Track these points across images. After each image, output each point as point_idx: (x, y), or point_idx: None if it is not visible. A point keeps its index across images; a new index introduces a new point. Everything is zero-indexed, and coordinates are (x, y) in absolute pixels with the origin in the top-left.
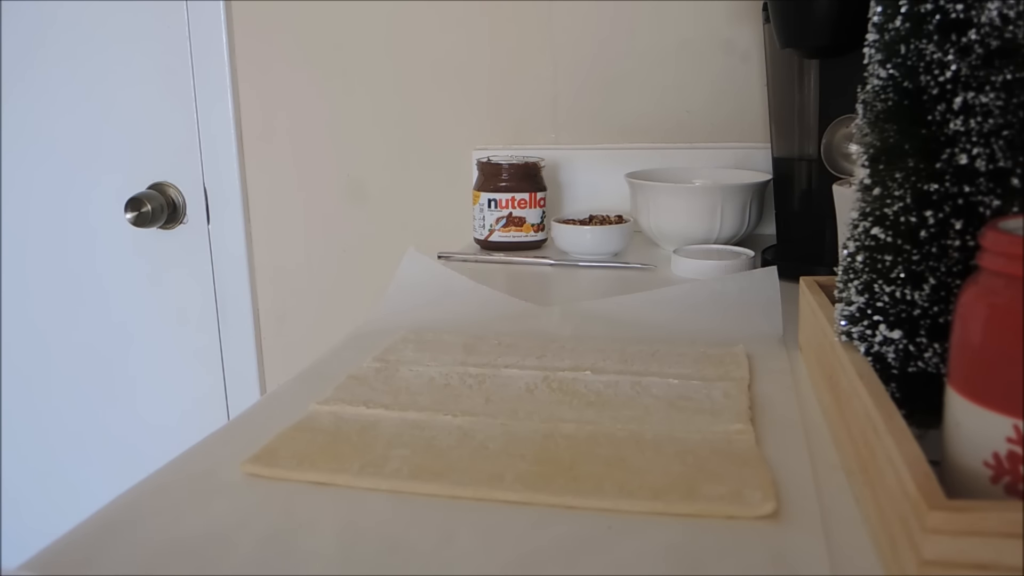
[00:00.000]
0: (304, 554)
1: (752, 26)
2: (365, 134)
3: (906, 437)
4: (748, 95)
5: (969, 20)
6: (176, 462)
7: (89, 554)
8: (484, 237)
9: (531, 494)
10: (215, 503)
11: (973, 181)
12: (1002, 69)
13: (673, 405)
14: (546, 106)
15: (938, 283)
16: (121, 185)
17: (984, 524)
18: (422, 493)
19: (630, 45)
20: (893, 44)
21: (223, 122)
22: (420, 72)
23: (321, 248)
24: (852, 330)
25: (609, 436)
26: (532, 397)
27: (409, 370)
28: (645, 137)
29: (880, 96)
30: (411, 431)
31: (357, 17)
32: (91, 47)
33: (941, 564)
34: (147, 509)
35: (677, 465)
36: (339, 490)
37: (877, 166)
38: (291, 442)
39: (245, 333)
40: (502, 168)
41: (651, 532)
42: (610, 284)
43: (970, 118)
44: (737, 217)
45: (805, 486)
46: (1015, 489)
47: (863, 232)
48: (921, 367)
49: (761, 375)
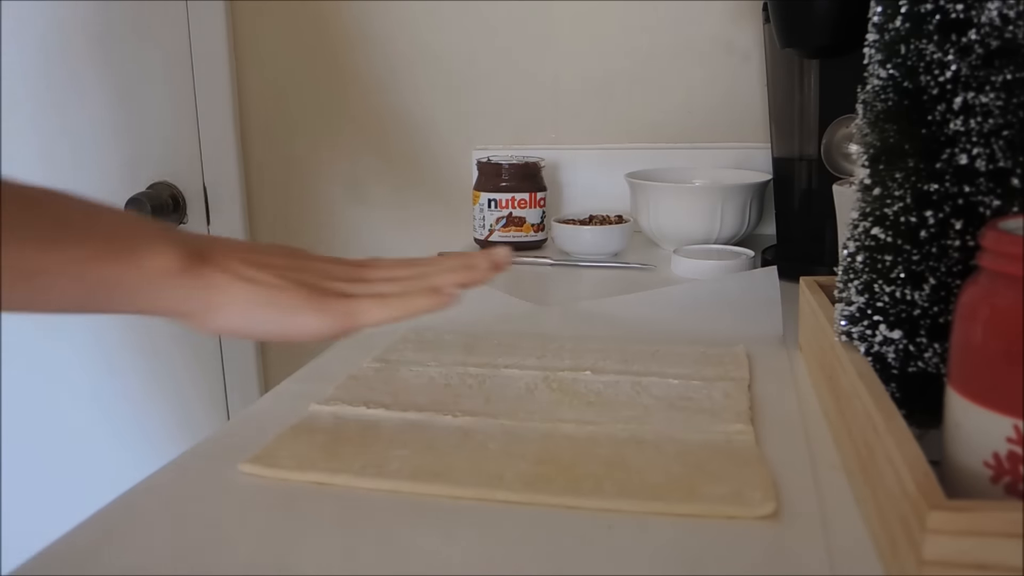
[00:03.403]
0: (304, 554)
1: (752, 26)
2: (365, 134)
3: (906, 437)
4: (748, 95)
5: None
6: (176, 462)
7: (89, 555)
8: (484, 237)
9: (531, 494)
10: (215, 504)
11: (973, 181)
12: (1002, 69)
13: (673, 405)
14: (546, 106)
15: (938, 283)
16: (121, 185)
17: (984, 524)
18: (422, 493)
19: (630, 45)
20: (893, 44)
21: (223, 122)
22: (420, 72)
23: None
24: (852, 330)
25: (609, 436)
26: (532, 397)
27: (409, 370)
28: (645, 137)
29: (880, 96)
30: (411, 431)
31: (357, 17)
32: (91, 47)
33: (941, 564)
34: (147, 510)
35: (677, 465)
36: (339, 490)
37: (877, 166)
38: (291, 442)
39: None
40: (502, 168)
41: (651, 532)
42: (610, 284)
43: (970, 118)
44: (737, 217)
45: (805, 486)
46: (1015, 489)
47: (863, 232)
48: (921, 367)
49: (761, 375)
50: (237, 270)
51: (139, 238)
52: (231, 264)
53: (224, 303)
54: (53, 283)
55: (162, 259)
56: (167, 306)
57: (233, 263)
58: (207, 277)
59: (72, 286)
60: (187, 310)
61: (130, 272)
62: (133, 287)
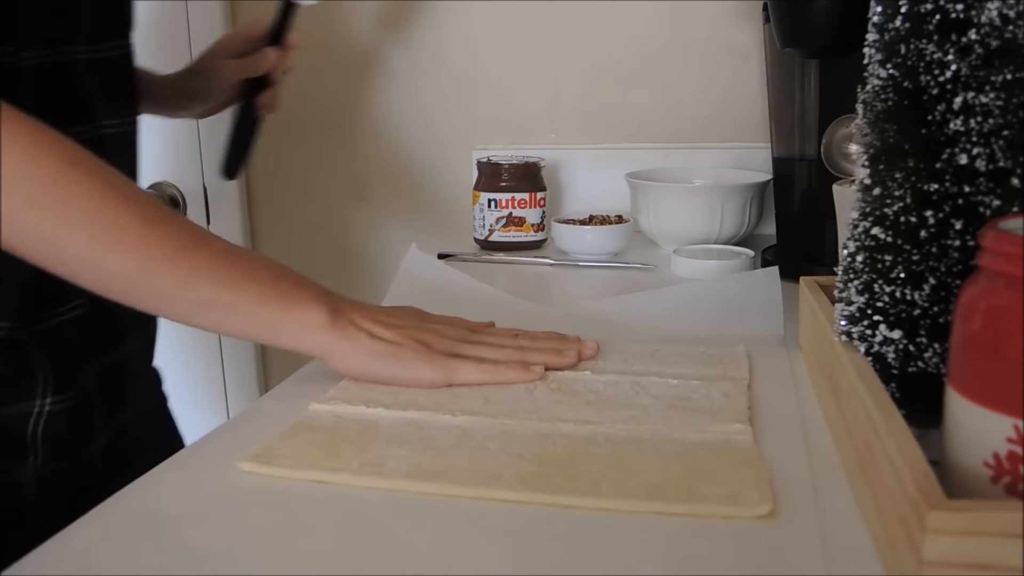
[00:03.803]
0: (303, 553)
1: (752, 26)
2: (365, 134)
3: (906, 437)
4: (748, 95)
5: (969, 20)
6: (175, 460)
7: (87, 553)
8: (484, 237)
9: (529, 493)
10: (214, 502)
11: (973, 181)
12: (1002, 69)
13: (672, 405)
14: (546, 106)
15: (938, 283)
16: None
17: (984, 524)
18: (420, 492)
19: (630, 45)
20: (893, 44)
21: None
22: (420, 72)
23: (321, 248)
24: (852, 330)
25: (608, 436)
26: (531, 397)
27: None
28: (645, 137)
29: (880, 96)
30: (410, 430)
31: (357, 17)
32: None
33: (941, 564)
34: (146, 508)
35: (675, 465)
36: (338, 489)
37: (877, 166)
38: (290, 441)
39: None
40: (502, 168)
41: (648, 532)
42: (610, 284)
43: (970, 118)
44: (737, 217)
45: (804, 486)
46: (1015, 489)
47: (863, 232)
48: (921, 367)
49: (761, 375)
50: (371, 329)
51: (298, 293)
52: (366, 323)
53: (355, 352)
54: (231, 316)
55: (315, 314)
56: (312, 348)
57: (367, 322)
58: (345, 330)
59: (244, 321)
60: (327, 353)
61: (289, 319)
62: (289, 331)
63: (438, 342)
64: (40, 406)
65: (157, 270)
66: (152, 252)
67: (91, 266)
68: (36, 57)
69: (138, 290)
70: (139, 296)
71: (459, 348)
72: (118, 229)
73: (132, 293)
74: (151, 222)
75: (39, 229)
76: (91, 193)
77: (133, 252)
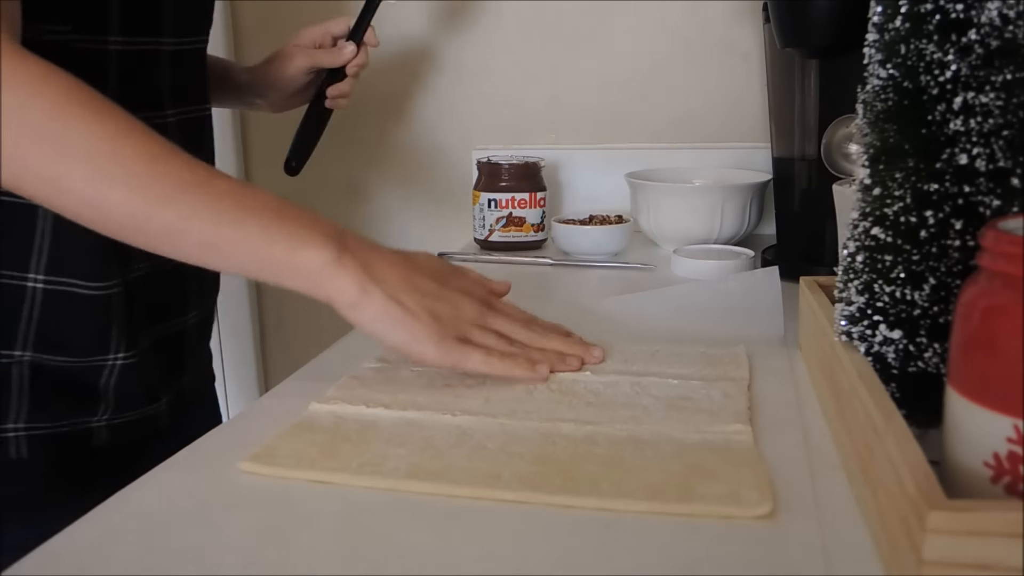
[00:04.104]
0: (303, 553)
1: (752, 26)
2: (365, 134)
3: (906, 437)
4: (748, 95)
5: (969, 20)
6: (176, 460)
7: (87, 553)
8: (484, 237)
9: (529, 493)
10: (214, 502)
11: (973, 181)
12: (1002, 69)
13: (672, 405)
14: (546, 106)
15: (938, 283)
16: None
17: (984, 524)
18: (420, 492)
19: (630, 45)
20: (893, 44)
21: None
22: (420, 72)
23: None
24: (852, 330)
25: (607, 436)
26: (531, 397)
27: (410, 370)
28: (645, 137)
29: (880, 96)
30: (410, 430)
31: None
32: None
33: (941, 564)
34: (146, 508)
35: (675, 465)
36: (338, 489)
37: (877, 166)
38: (290, 441)
39: (245, 333)
40: (502, 168)
41: (648, 532)
42: (610, 284)
43: (970, 118)
44: (737, 217)
45: (804, 486)
46: (1015, 489)
47: (863, 232)
48: (921, 367)
49: (761, 375)
50: (388, 286)
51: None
52: (384, 273)
53: (369, 306)
54: (236, 256)
55: (321, 255)
56: (319, 294)
57: (386, 273)
58: (358, 277)
59: (249, 262)
60: (336, 300)
61: (294, 261)
62: (299, 274)
63: (452, 321)
64: (113, 360)
65: (158, 207)
66: (152, 188)
67: (91, 203)
68: (122, 44)
69: (141, 227)
70: (144, 234)
71: (470, 333)
72: (118, 164)
73: (135, 231)
74: (152, 157)
75: (39, 165)
76: (90, 129)
77: (134, 188)
